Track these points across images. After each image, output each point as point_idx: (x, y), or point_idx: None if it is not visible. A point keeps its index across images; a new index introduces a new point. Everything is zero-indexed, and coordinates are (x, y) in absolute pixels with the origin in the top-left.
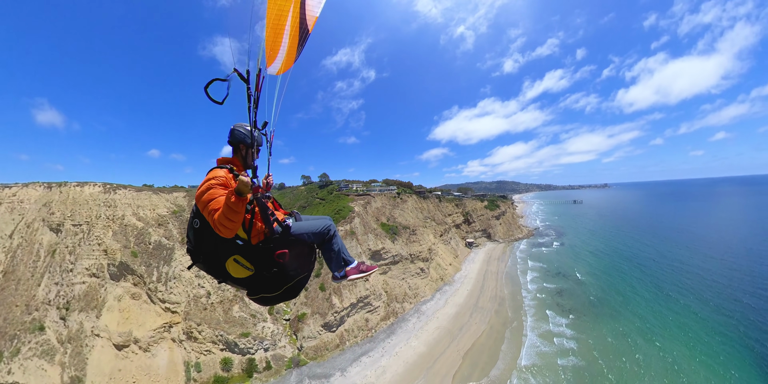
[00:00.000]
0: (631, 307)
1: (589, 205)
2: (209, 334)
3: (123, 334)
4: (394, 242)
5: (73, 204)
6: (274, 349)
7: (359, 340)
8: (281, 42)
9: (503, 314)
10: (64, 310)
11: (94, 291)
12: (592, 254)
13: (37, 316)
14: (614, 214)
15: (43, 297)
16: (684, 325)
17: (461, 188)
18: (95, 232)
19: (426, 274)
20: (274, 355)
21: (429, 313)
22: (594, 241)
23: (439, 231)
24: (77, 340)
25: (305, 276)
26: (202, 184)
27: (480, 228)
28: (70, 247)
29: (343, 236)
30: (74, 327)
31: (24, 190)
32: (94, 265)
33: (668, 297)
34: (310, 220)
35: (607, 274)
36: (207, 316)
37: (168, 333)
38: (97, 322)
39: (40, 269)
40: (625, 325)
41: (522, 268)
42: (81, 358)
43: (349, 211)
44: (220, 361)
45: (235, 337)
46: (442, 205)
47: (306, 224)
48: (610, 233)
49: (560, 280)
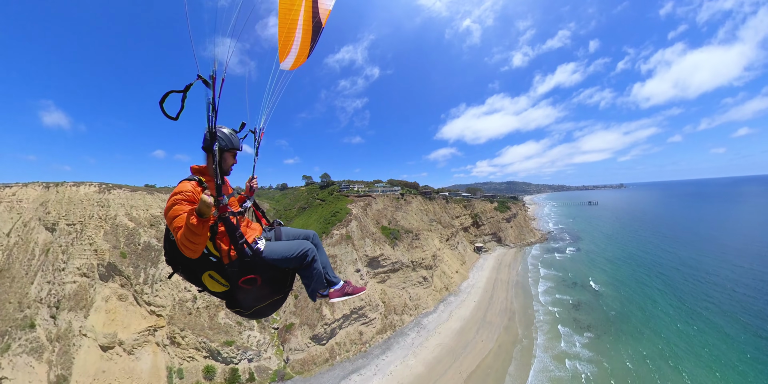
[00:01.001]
0: (653, 324)
1: (605, 206)
2: (192, 340)
3: (108, 335)
4: (395, 248)
5: (68, 203)
6: (259, 360)
7: (351, 354)
8: (294, 37)
9: (513, 331)
10: (54, 309)
11: (84, 291)
12: (609, 262)
13: (29, 313)
14: (631, 216)
15: (36, 295)
16: (713, 348)
17: (470, 188)
18: (87, 231)
19: (429, 283)
20: (258, 366)
21: (430, 328)
22: (611, 246)
23: (446, 235)
24: (65, 339)
25: (280, 298)
26: (169, 199)
27: (490, 231)
28: (64, 247)
29: (338, 241)
30: (63, 326)
31: (23, 189)
32: (85, 265)
33: (694, 313)
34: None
35: (626, 285)
36: (191, 322)
37: (153, 336)
38: (85, 322)
39: (34, 268)
40: (647, 346)
41: (534, 277)
42: (68, 357)
43: (346, 213)
44: (203, 369)
45: (218, 345)
46: (449, 206)
47: (281, 248)
48: (628, 238)
49: (575, 292)
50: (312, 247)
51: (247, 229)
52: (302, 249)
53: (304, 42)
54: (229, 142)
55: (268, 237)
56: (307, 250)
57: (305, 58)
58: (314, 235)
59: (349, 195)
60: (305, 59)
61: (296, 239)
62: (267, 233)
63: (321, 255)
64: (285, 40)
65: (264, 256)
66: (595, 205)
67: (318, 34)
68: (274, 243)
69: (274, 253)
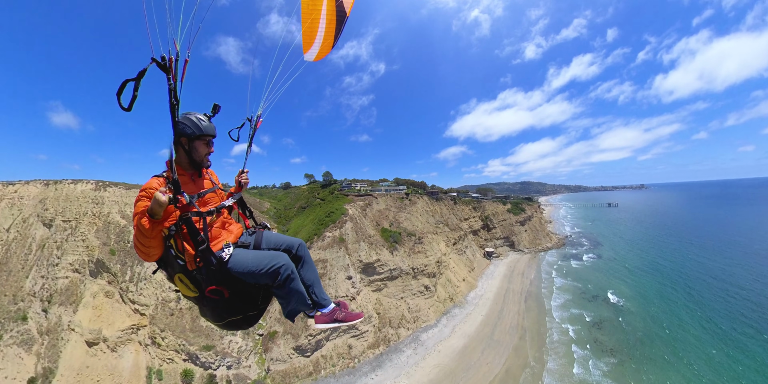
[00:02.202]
0: (680, 349)
1: (626, 208)
2: (172, 342)
3: (93, 331)
4: (394, 253)
5: (65, 201)
6: (238, 368)
7: (337, 370)
8: (318, 27)
9: (522, 352)
10: (46, 303)
11: (75, 286)
12: (632, 272)
13: (22, 306)
14: (654, 220)
15: (30, 289)
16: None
17: (481, 189)
18: (81, 228)
19: (431, 292)
20: (237, 374)
21: (429, 345)
22: (633, 253)
23: (453, 238)
24: (54, 333)
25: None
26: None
27: (501, 235)
28: (59, 242)
29: (330, 244)
30: (53, 320)
31: (24, 186)
32: (77, 261)
33: (728, 338)
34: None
35: (651, 300)
36: (172, 323)
37: (135, 335)
38: (74, 317)
39: (30, 262)
40: (674, 378)
41: (549, 288)
42: (55, 350)
43: (342, 214)
44: (182, 372)
45: (197, 349)
46: (457, 207)
47: (249, 260)
48: (651, 244)
49: (595, 307)
50: (287, 264)
51: (223, 231)
52: (274, 265)
53: (328, 32)
54: (196, 127)
55: (246, 243)
56: (279, 267)
57: (330, 48)
58: (300, 245)
59: (349, 194)
60: (330, 50)
61: (277, 249)
62: (248, 237)
63: (306, 270)
64: (309, 31)
65: (229, 268)
66: (615, 207)
67: (343, 24)
68: (243, 252)
69: (240, 264)
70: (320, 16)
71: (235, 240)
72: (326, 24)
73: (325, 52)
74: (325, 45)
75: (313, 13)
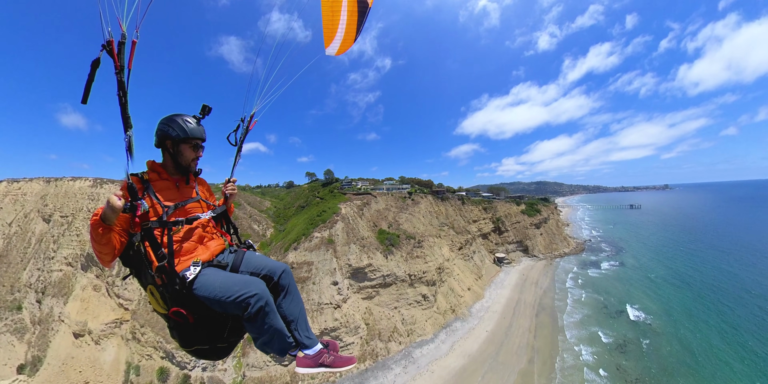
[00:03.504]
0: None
1: (649, 210)
2: (151, 338)
3: (80, 323)
4: (388, 257)
5: (64, 197)
6: (213, 371)
7: (316, 383)
8: (339, 20)
9: (529, 379)
10: (40, 294)
11: (68, 279)
12: (656, 284)
13: (18, 296)
14: (682, 223)
15: (26, 280)
16: None
17: (493, 188)
18: (76, 223)
19: (430, 302)
20: (211, 377)
21: (422, 363)
22: (658, 262)
23: (459, 242)
24: (46, 323)
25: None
26: None
27: (515, 239)
28: (55, 237)
29: (317, 246)
30: (46, 311)
31: (28, 184)
32: (71, 255)
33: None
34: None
35: (676, 318)
36: (153, 319)
37: (119, 329)
38: (64, 309)
39: (28, 255)
40: None
41: (565, 300)
42: (45, 340)
43: (333, 213)
44: (157, 370)
45: (173, 347)
46: (465, 208)
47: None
48: (679, 251)
49: (613, 325)
50: (261, 293)
51: (199, 246)
52: (244, 293)
53: (350, 24)
54: (181, 130)
55: (223, 263)
56: (249, 297)
57: (352, 41)
58: (284, 272)
59: (347, 193)
60: (353, 43)
61: (257, 274)
62: (227, 256)
63: (289, 303)
64: (330, 24)
65: (194, 290)
66: (637, 209)
67: (365, 15)
68: (214, 274)
69: (205, 288)
70: (341, 7)
71: (209, 258)
72: (348, 16)
73: (347, 46)
74: (347, 38)
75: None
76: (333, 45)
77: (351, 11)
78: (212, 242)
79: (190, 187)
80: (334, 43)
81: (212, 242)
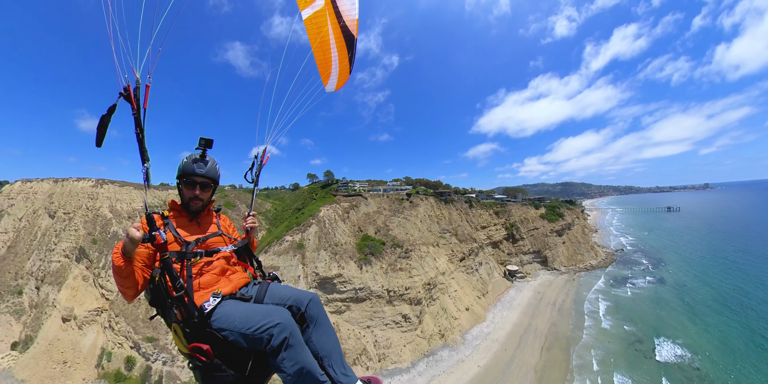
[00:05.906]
0: None
1: (690, 213)
2: (123, 328)
3: (68, 308)
4: (363, 268)
5: (68, 195)
6: (172, 366)
7: None
8: (331, 58)
9: None
10: (40, 282)
11: (64, 269)
12: (710, 307)
13: (20, 283)
14: (727, 230)
15: (29, 269)
16: None
17: (509, 189)
18: (75, 219)
19: (412, 324)
20: (169, 372)
21: None
22: (710, 278)
23: (461, 252)
24: (41, 307)
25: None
26: None
27: (531, 248)
28: (57, 231)
29: (286, 250)
30: (42, 296)
31: (39, 183)
32: (69, 248)
33: None
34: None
35: (735, 362)
36: (127, 310)
37: (99, 317)
38: (57, 296)
39: (33, 247)
40: None
41: (587, 329)
42: (38, 322)
43: (310, 216)
44: (125, 358)
45: (140, 339)
46: (473, 212)
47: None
48: (733, 264)
49: (646, 372)
50: (285, 323)
51: (222, 278)
52: (266, 324)
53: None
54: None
55: (246, 296)
56: (272, 327)
57: (348, 73)
58: (312, 301)
59: (336, 194)
60: (348, 75)
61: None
62: (251, 289)
63: (321, 335)
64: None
65: (211, 322)
66: (676, 212)
67: (353, 47)
68: (234, 305)
69: (224, 320)
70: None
71: (232, 290)
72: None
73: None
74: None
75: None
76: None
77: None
78: (235, 275)
79: (211, 223)
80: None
81: (235, 275)
